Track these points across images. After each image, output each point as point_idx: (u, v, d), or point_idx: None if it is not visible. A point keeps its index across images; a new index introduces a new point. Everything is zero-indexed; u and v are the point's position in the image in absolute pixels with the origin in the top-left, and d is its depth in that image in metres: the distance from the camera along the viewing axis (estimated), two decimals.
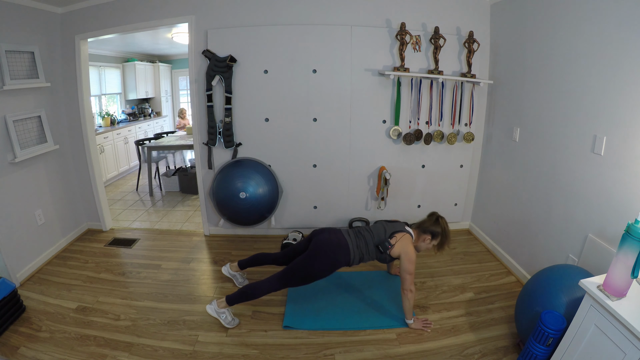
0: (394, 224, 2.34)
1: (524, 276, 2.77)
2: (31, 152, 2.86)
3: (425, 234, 2.28)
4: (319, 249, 2.16)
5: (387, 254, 2.22)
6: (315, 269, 2.15)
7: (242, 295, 2.21)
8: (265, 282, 2.19)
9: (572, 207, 2.29)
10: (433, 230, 2.26)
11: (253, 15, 2.98)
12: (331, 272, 2.20)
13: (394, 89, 3.14)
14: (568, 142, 2.30)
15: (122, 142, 5.77)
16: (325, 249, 2.16)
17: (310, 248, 2.20)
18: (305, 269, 2.15)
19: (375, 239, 2.23)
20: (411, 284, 2.16)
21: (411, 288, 2.16)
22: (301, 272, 2.16)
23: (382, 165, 3.34)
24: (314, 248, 2.18)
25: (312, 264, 2.14)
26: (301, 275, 2.17)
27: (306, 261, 2.15)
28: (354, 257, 2.20)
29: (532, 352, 1.77)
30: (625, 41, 1.86)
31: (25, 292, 2.62)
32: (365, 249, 2.22)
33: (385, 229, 2.28)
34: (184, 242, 3.48)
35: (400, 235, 2.22)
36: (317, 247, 2.17)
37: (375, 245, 2.22)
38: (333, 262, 2.16)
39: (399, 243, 2.19)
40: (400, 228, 2.28)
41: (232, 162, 3.26)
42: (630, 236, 1.37)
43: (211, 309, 2.25)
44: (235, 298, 2.21)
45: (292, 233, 3.33)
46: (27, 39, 2.82)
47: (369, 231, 2.28)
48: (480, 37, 3.09)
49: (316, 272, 2.16)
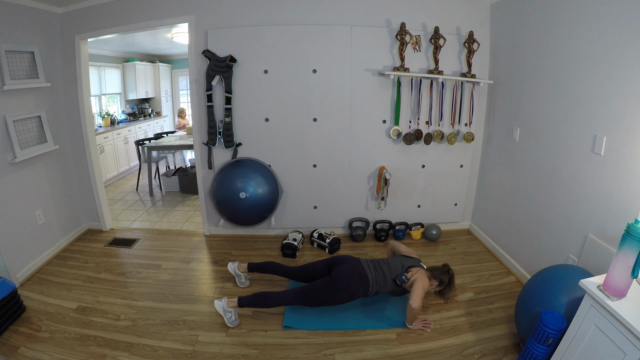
0: (411, 259, 2.45)
1: (524, 276, 2.77)
2: (31, 152, 2.86)
3: (434, 279, 2.37)
4: (341, 281, 2.24)
5: (402, 288, 2.33)
6: (335, 298, 2.26)
7: (256, 301, 2.28)
8: (282, 294, 2.28)
9: (572, 207, 2.29)
10: (442, 279, 2.37)
11: (253, 15, 2.98)
12: (347, 302, 2.31)
13: (394, 89, 3.14)
14: (568, 142, 2.30)
15: (122, 142, 5.77)
16: (347, 280, 2.25)
17: (332, 277, 2.27)
18: (325, 297, 2.25)
19: (393, 274, 2.33)
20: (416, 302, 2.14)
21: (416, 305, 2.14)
22: (320, 298, 2.26)
23: (382, 165, 3.34)
24: (337, 279, 2.25)
25: (332, 293, 2.24)
26: (319, 301, 2.28)
27: (327, 289, 2.24)
28: (372, 290, 2.30)
29: (532, 352, 1.77)
30: (625, 41, 1.86)
31: (25, 292, 2.62)
32: (383, 283, 2.32)
33: (402, 264, 2.39)
34: (184, 242, 3.48)
35: (415, 269, 2.34)
36: (339, 277, 2.25)
37: (392, 279, 2.32)
38: (353, 295, 2.27)
39: (415, 276, 2.29)
40: (416, 264, 2.40)
41: (232, 162, 3.26)
42: (630, 236, 1.37)
43: (219, 305, 2.27)
44: (248, 302, 2.27)
45: (292, 233, 3.33)
46: (27, 39, 2.82)
47: (387, 265, 2.38)
48: (480, 37, 3.09)
49: (334, 300, 2.27)
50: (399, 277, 2.29)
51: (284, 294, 2.29)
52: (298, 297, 2.27)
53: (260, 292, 2.33)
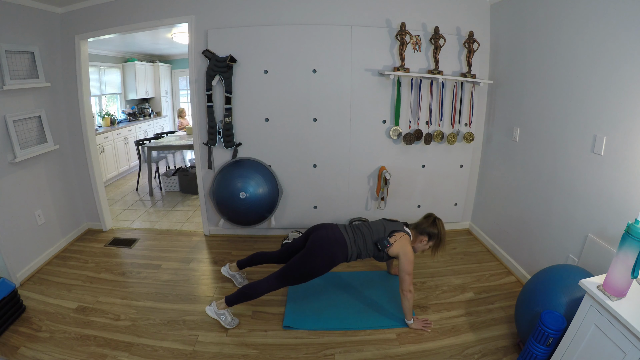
0: (393, 223, 2.33)
1: (524, 276, 2.77)
2: (31, 152, 2.86)
3: (422, 235, 2.28)
4: (316, 246, 2.15)
5: (384, 252, 2.21)
6: (313, 265, 2.14)
7: (241, 295, 2.21)
8: (264, 281, 2.19)
9: (572, 207, 2.29)
10: (430, 232, 2.27)
11: (253, 15, 2.98)
12: (329, 269, 2.19)
13: (394, 89, 3.14)
14: (568, 142, 2.30)
15: (122, 142, 5.77)
16: (322, 245, 2.15)
17: (307, 245, 2.19)
18: (303, 266, 2.14)
19: (374, 237, 2.22)
20: (410, 285, 2.16)
21: (410, 288, 2.16)
22: (299, 269, 2.15)
23: (382, 165, 3.34)
24: (311, 245, 2.17)
25: (310, 260, 2.13)
26: (299, 273, 2.16)
27: (304, 258, 2.14)
28: (351, 253, 2.18)
29: (532, 352, 1.77)
30: (626, 41, 1.86)
31: (25, 292, 2.62)
32: (364, 245, 2.20)
33: (384, 227, 2.27)
34: (184, 242, 3.48)
35: (399, 234, 2.22)
36: (314, 243, 2.17)
37: (373, 242, 2.21)
38: (331, 258, 2.15)
39: (398, 242, 2.18)
40: (399, 228, 2.28)
41: (232, 162, 3.26)
42: (630, 236, 1.37)
43: (211, 310, 2.24)
44: (235, 299, 2.21)
45: (292, 233, 3.33)
46: (27, 39, 2.82)
47: (367, 228, 2.28)
48: (480, 37, 3.09)
49: (314, 268, 2.15)
50: (381, 242, 2.17)
51: (266, 280, 2.18)
52: (280, 279, 2.17)
53: (244, 285, 2.26)
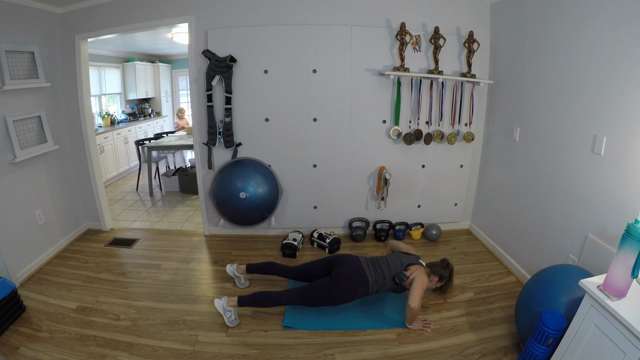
0: (409, 256, 2.43)
1: (524, 276, 2.77)
2: (31, 152, 2.86)
3: (434, 275, 2.36)
4: (342, 282, 2.23)
5: (402, 286, 2.31)
6: (335, 297, 2.25)
7: (255, 300, 2.28)
8: (282, 294, 2.28)
9: (572, 207, 2.29)
10: (442, 274, 2.35)
11: (253, 15, 2.98)
12: (348, 302, 2.31)
13: (394, 89, 3.14)
14: (568, 142, 2.30)
15: (122, 142, 5.77)
16: (347, 281, 2.24)
17: (332, 277, 2.27)
18: (325, 298, 2.25)
19: (392, 272, 2.31)
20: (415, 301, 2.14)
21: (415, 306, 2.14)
22: (320, 297, 2.25)
23: (382, 165, 3.34)
24: (337, 279, 2.25)
25: (333, 294, 2.24)
26: (319, 301, 2.28)
27: (327, 290, 2.24)
28: (371, 290, 2.28)
29: (532, 352, 1.77)
30: (625, 41, 1.86)
31: (25, 292, 2.62)
32: (383, 283, 2.30)
33: (401, 261, 2.37)
34: (184, 242, 3.48)
35: (414, 267, 2.32)
36: (339, 278, 2.25)
37: (391, 277, 2.30)
38: (353, 295, 2.26)
39: (414, 274, 2.28)
40: (414, 261, 2.38)
41: (232, 162, 3.26)
42: (630, 236, 1.37)
43: (219, 304, 2.28)
44: (248, 301, 2.27)
45: (292, 233, 3.33)
46: (27, 39, 2.82)
47: (386, 263, 2.36)
48: (480, 37, 3.09)
49: (334, 300, 2.26)
50: (398, 276, 2.28)
51: (284, 294, 2.28)
52: (298, 297, 2.26)
53: (260, 292, 2.32)
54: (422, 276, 2.26)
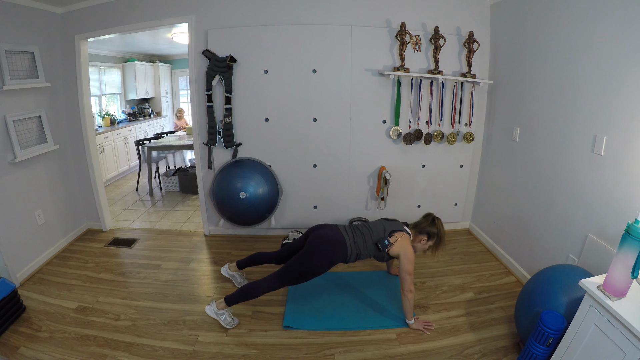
0: (393, 222, 2.34)
1: (524, 276, 2.77)
2: (31, 152, 2.86)
3: (422, 234, 2.29)
4: (316, 245, 2.16)
5: (385, 252, 2.22)
6: (313, 265, 2.14)
7: (240, 295, 2.21)
8: (264, 281, 2.19)
9: (572, 207, 2.29)
10: (429, 231, 2.27)
11: (253, 15, 2.98)
12: (328, 268, 2.19)
13: (394, 89, 3.14)
14: (568, 142, 2.30)
15: (122, 142, 5.77)
16: (322, 244, 2.16)
17: (307, 245, 2.19)
18: (302, 266, 2.14)
19: (374, 237, 2.23)
20: (411, 284, 2.16)
21: (411, 288, 2.16)
22: (299, 268, 2.15)
23: (382, 165, 3.34)
24: (311, 244, 2.17)
25: (309, 259, 2.14)
26: (299, 272, 2.16)
27: (303, 258, 2.15)
28: (351, 253, 2.19)
29: (532, 352, 1.77)
30: (625, 41, 1.86)
31: (25, 292, 2.62)
32: (363, 246, 2.21)
33: (384, 227, 2.28)
34: (184, 242, 3.48)
35: (399, 234, 2.22)
36: (313, 243, 2.17)
37: (373, 242, 2.21)
38: (330, 257, 2.15)
39: (398, 242, 2.19)
40: (399, 227, 2.29)
41: (232, 162, 3.26)
42: (630, 236, 1.37)
43: (210, 310, 2.25)
44: (234, 298, 2.21)
45: (292, 233, 3.33)
46: (27, 39, 2.82)
47: (367, 228, 2.28)
48: (480, 37, 3.09)
49: (314, 268, 2.15)
50: (381, 241, 2.17)
51: (266, 280, 2.18)
52: (280, 278, 2.17)
53: (244, 285, 2.26)
54: (407, 249, 2.16)
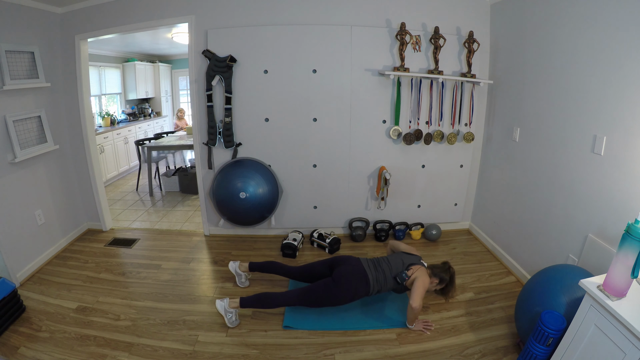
0: (411, 256, 2.43)
1: (524, 276, 2.77)
2: (31, 152, 2.86)
3: (435, 277, 2.35)
4: (343, 282, 2.24)
5: (403, 285, 2.31)
6: (336, 297, 2.25)
7: (257, 302, 2.28)
8: (284, 295, 2.29)
9: (572, 207, 2.29)
10: (442, 277, 2.35)
11: (253, 15, 2.98)
12: (349, 302, 2.31)
13: (394, 89, 3.14)
14: (568, 142, 2.30)
15: (122, 142, 5.77)
16: (348, 281, 2.25)
17: (334, 279, 2.27)
18: (325, 296, 2.25)
19: (393, 271, 2.32)
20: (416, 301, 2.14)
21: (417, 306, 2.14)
22: (322, 297, 2.26)
23: (382, 165, 3.34)
24: (338, 279, 2.25)
25: (334, 294, 2.24)
26: (321, 302, 2.28)
27: (328, 289, 2.24)
28: (372, 290, 2.28)
29: (532, 352, 1.77)
30: (626, 41, 1.86)
31: (25, 292, 2.62)
32: (384, 282, 2.30)
33: (403, 261, 2.37)
34: (184, 242, 3.48)
35: (416, 267, 2.33)
36: (340, 278, 2.25)
37: (392, 277, 2.30)
38: (354, 295, 2.26)
39: (416, 273, 2.28)
40: (416, 261, 2.39)
41: (232, 162, 3.26)
42: (630, 236, 1.37)
43: (221, 305, 2.27)
44: (250, 303, 2.27)
45: (292, 233, 3.33)
46: (27, 39, 2.82)
47: (387, 263, 2.36)
48: (480, 37, 3.09)
49: (336, 300, 2.27)
50: (400, 275, 2.28)
51: (286, 295, 2.29)
52: (300, 298, 2.26)
53: (262, 293, 2.33)
54: (424, 276, 2.26)
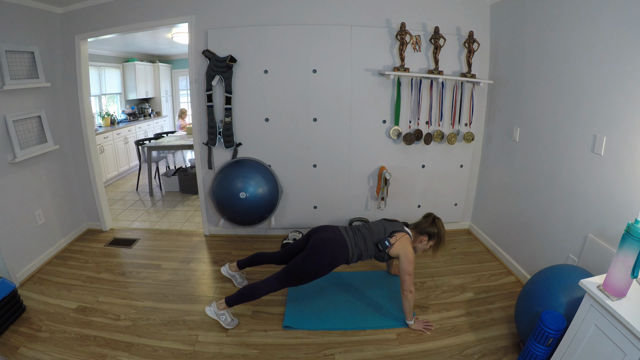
0: (393, 223, 2.34)
1: (524, 276, 2.77)
2: (31, 152, 2.86)
3: (422, 235, 2.29)
4: (317, 247, 2.16)
5: (385, 253, 2.22)
6: (314, 266, 2.14)
7: (241, 296, 2.21)
8: (265, 282, 2.19)
9: (572, 207, 2.29)
10: (430, 232, 2.27)
11: (253, 15, 2.98)
12: (330, 270, 2.19)
13: (394, 89, 3.14)
14: (568, 142, 2.30)
15: (122, 142, 5.77)
16: (323, 246, 2.16)
17: (308, 246, 2.20)
18: (303, 267, 2.15)
19: (375, 237, 2.23)
20: (411, 285, 2.16)
21: (411, 289, 2.16)
22: (300, 270, 2.15)
23: (382, 165, 3.34)
24: (312, 246, 2.18)
25: (310, 261, 2.14)
26: (300, 274, 2.16)
27: (305, 259, 2.15)
28: (352, 254, 2.20)
29: (532, 352, 1.77)
30: (625, 41, 1.86)
31: (25, 292, 2.62)
32: (364, 247, 2.21)
33: (385, 227, 2.28)
34: (184, 242, 3.48)
35: (399, 235, 2.23)
36: (315, 245, 2.18)
37: (374, 243, 2.22)
38: (331, 260, 2.15)
39: (398, 243, 2.19)
40: (399, 228, 2.29)
41: (232, 162, 3.26)
42: (630, 236, 1.37)
43: (210, 311, 2.24)
44: (235, 299, 2.21)
45: (292, 233, 3.33)
46: (27, 39, 2.82)
47: (368, 229, 2.28)
48: (480, 37, 3.09)
49: (315, 269, 2.15)
50: (382, 242, 2.18)
51: (267, 281, 2.18)
52: (281, 280, 2.17)
53: (244, 286, 2.27)
54: (407, 250, 2.16)
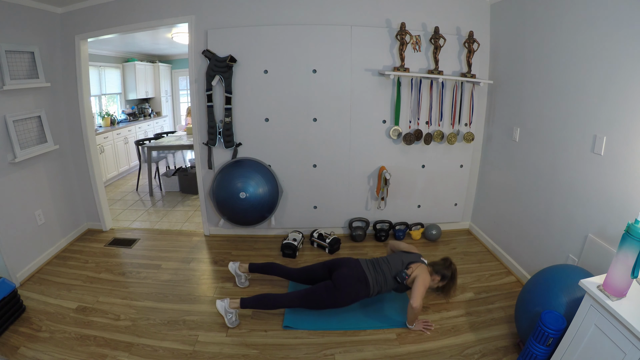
0: (411, 255, 2.42)
1: (524, 276, 2.77)
2: (31, 152, 2.86)
3: (436, 274, 2.35)
4: (343, 285, 2.24)
5: (404, 285, 2.31)
6: (337, 300, 2.26)
7: (259, 303, 2.28)
8: (285, 297, 2.30)
9: (572, 207, 2.29)
10: (444, 273, 2.35)
11: (253, 15, 2.98)
12: (350, 304, 2.32)
13: (394, 89, 3.14)
14: (568, 142, 2.30)
15: (122, 142, 5.77)
16: (348, 285, 2.25)
17: (334, 282, 2.27)
18: (327, 301, 2.25)
19: (393, 271, 2.31)
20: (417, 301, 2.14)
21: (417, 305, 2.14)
22: (323, 302, 2.26)
23: (382, 165, 3.34)
24: (337, 282, 2.25)
25: (335, 297, 2.24)
26: (323, 304, 2.28)
27: (329, 293, 2.24)
28: (372, 291, 2.28)
29: (532, 352, 1.77)
30: (625, 41, 1.86)
31: (25, 292, 2.62)
32: (384, 283, 2.30)
33: (402, 260, 2.37)
34: (184, 242, 3.48)
35: (416, 265, 2.33)
36: (339, 281, 2.25)
37: (393, 277, 2.30)
38: (354, 298, 2.27)
39: (416, 271, 2.28)
40: (416, 259, 2.38)
41: (232, 162, 3.26)
42: (630, 236, 1.37)
43: (221, 306, 2.27)
44: (251, 304, 2.27)
45: (292, 233, 3.33)
46: (27, 39, 2.82)
47: (386, 263, 2.36)
48: (480, 37, 3.09)
49: (336, 303, 2.27)
50: (400, 275, 2.28)
51: (287, 297, 2.29)
52: (301, 301, 2.27)
53: (263, 294, 2.33)
54: (424, 274, 2.25)
